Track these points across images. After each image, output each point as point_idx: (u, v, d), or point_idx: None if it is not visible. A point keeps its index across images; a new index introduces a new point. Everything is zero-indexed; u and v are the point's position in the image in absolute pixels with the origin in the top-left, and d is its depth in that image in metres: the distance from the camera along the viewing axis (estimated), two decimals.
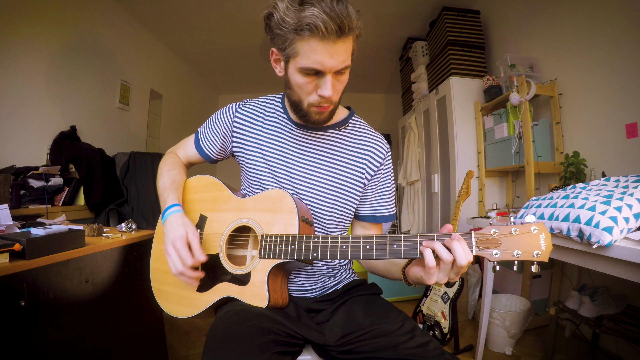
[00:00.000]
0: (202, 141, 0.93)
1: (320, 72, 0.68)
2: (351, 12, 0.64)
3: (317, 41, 0.63)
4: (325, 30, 0.61)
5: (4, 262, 0.80)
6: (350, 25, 0.63)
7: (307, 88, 0.71)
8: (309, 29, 0.62)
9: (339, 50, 0.65)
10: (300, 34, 0.63)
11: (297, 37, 0.64)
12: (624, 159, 1.62)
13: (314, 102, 0.73)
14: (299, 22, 0.62)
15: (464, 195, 1.85)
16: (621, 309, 1.40)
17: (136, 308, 1.25)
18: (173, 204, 0.81)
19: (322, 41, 0.63)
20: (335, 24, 0.61)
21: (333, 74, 0.69)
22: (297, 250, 0.69)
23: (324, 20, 0.60)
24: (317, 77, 0.69)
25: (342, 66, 0.68)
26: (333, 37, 0.63)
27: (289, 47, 0.67)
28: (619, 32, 1.66)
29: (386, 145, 0.89)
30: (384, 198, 0.89)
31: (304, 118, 0.77)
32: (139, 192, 2.35)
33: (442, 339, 1.74)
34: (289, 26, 0.64)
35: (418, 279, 0.66)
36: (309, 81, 0.70)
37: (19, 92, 2.03)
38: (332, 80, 0.69)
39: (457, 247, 0.57)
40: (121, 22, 2.95)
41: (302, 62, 0.67)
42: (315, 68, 0.67)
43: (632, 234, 0.91)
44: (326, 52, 0.64)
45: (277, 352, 0.64)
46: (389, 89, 5.02)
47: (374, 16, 3.10)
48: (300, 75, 0.69)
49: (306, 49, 0.65)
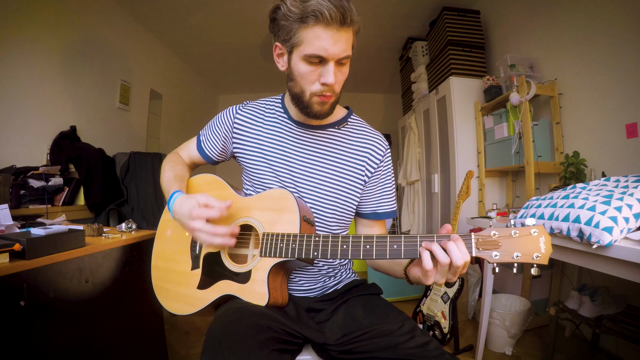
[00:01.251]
0: (203, 143, 0.94)
1: (323, 59, 0.70)
2: (352, 7, 0.68)
3: (321, 28, 0.67)
4: (330, 17, 0.65)
5: (4, 262, 0.80)
6: (352, 17, 0.68)
7: (310, 77, 0.73)
8: (314, 16, 0.66)
9: (341, 38, 0.69)
10: (306, 21, 0.67)
11: (302, 25, 0.68)
12: (624, 159, 1.62)
13: (316, 91, 0.74)
14: (304, 10, 0.66)
15: (464, 195, 1.85)
16: (621, 309, 1.40)
17: (136, 308, 1.25)
18: (175, 191, 0.81)
19: (326, 28, 0.67)
20: (339, 12, 0.65)
21: (335, 63, 0.71)
22: (298, 249, 0.69)
23: (328, 7, 0.65)
24: (320, 66, 0.72)
25: (344, 55, 0.71)
26: (336, 24, 0.67)
27: (294, 37, 0.70)
28: (619, 32, 1.66)
29: (385, 142, 0.90)
30: (385, 195, 0.90)
31: (306, 110, 0.78)
32: (139, 192, 2.35)
33: (442, 339, 1.74)
34: (295, 15, 0.67)
35: (417, 279, 0.68)
36: (313, 70, 0.72)
37: (19, 92, 2.03)
38: (335, 68, 0.71)
39: (453, 249, 0.57)
40: (121, 22, 2.95)
41: (306, 49, 0.69)
42: (319, 54, 0.69)
43: (632, 234, 0.91)
44: (330, 39, 0.68)
45: (275, 349, 0.64)
46: (389, 89, 5.02)
47: (374, 16, 3.10)
48: (304, 63, 0.72)
49: (310, 36, 0.68)
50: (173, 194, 0.80)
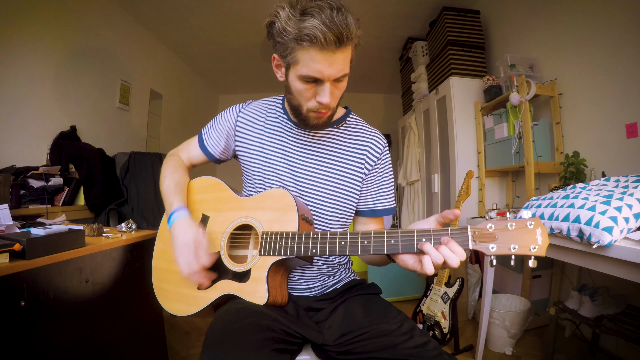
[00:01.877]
0: (206, 141, 0.94)
1: (319, 80, 0.70)
2: (350, 22, 0.66)
3: (316, 51, 0.66)
4: (325, 41, 0.64)
5: (4, 262, 0.80)
6: (348, 35, 0.66)
7: (306, 94, 0.73)
8: (308, 40, 0.64)
9: (337, 59, 0.68)
10: (301, 43, 0.66)
11: (297, 46, 0.67)
12: (624, 159, 1.62)
13: (312, 107, 0.75)
14: (299, 32, 0.65)
15: (464, 195, 1.85)
16: (621, 309, 1.40)
17: (136, 308, 1.25)
18: (179, 206, 0.81)
19: (321, 51, 0.66)
20: (334, 35, 0.63)
21: (331, 81, 0.71)
22: (297, 246, 0.70)
23: (323, 31, 0.63)
24: (316, 85, 0.72)
25: (340, 74, 0.71)
26: (332, 47, 0.65)
27: (290, 55, 0.69)
28: (619, 32, 1.66)
29: (383, 139, 0.91)
30: (382, 192, 0.90)
31: (303, 122, 0.80)
32: (139, 192, 2.35)
33: (442, 339, 1.74)
34: (290, 35, 0.66)
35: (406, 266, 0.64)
36: (308, 88, 0.72)
37: (19, 92, 2.03)
38: (331, 87, 0.72)
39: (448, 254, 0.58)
40: (121, 22, 2.95)
41: (301, 70, 0.69)
42: (314, 76, 0.69)
43: (632, 234, 0.91)
44: (325, 62, 0.67)
45: (274, 349, 0.64)
46: (389, 89, 5.02)
47: (374, 16, 3.10)
48: (300, 82, 0.72)
49: (306, 58, 0.67)
50: (177, 210, 0.80)
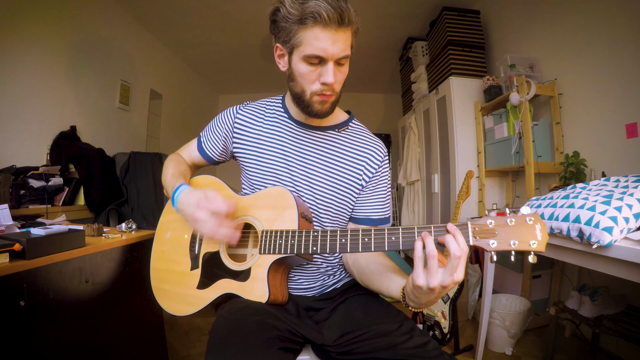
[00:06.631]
0: (204, 144, 0.94)
1: (322, 59, 0.71)
2: (350, 7, 0.69)
3: (319, 29, 0.68)
4: (328, 17, 0.66)
5: (4, 262, 0.80)
6: (350, 17, 0.69)
7: (310, 77, 0.74)
8: (312, 17, 0.67)
9: (339, 38, 0.70)
10: (304, 22, 0.68)
11: (301, 26, 0.69)
12: (624, 159, 1.62)
13: (316, 90, 0.75)
14: (302, 11, 0.67)
15: (464, 195, 1.85)
16: (621, 309, 1.40)
17: (136, 308, 1.25)
18: (181, 183, 0.81)
19: (324, 29, 0.68)
20: (336, 13, 0.66)
21: (334, 62, 0.72)
22: (297, 244, 0.70)
23: (326, 8, 0.66)
24: (320, 66, 0.73)
25: (342, 54, 0.72)
26: (334, 25, 0.68)
27: (294, 38, 0.71)
28: (619, 32, 1.66)
29: (384, 149, 0.90)
30: (379, 201, 0.90)
31: (307, 109, 0.79)
32: (139, 192, 2.35)
33: (442, 339, 1.74)
34: (294, 17, 0.69)
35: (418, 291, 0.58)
36: (312, 70, 0.73)
37: (19, 92, 2.03)
38: (334, 69, 0.72)
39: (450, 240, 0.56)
40: (121, 22, 2.95)
41: (305, 49, 0.70)
42: (318, 55, 0.70)
43: (632, 234, 0.91)
44: (328, 39, 0.69)
45: (281, 348, 0.64)
46: (389, 89, 5.02)
47: (374, 16, 3.10)
48: (304, 64, 0.73)
49: (309, 37, 0.69)
50: (179, 186, 0.80)
